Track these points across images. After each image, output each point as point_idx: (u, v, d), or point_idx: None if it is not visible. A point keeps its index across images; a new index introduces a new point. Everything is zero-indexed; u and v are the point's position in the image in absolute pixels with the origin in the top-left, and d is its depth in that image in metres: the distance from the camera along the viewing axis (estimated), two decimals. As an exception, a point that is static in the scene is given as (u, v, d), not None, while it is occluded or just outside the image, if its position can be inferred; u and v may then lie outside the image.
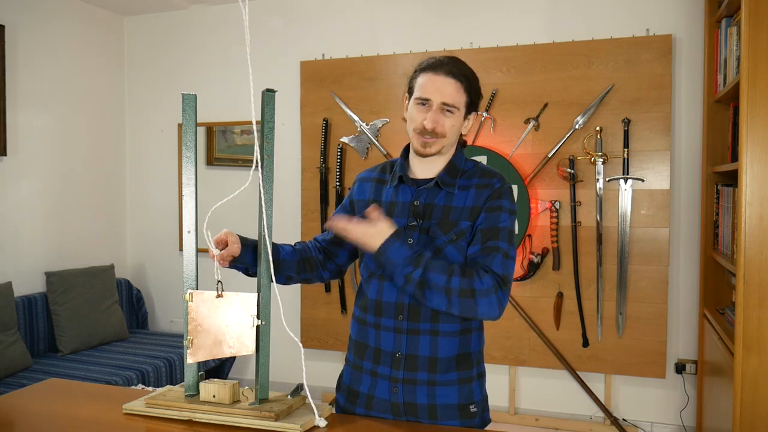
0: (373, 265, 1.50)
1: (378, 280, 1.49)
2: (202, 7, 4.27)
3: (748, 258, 2.18)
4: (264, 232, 1.42)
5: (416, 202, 1.48)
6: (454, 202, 1.47)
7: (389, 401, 1.49)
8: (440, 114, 1.44)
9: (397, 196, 1.52)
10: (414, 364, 1.46)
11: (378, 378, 1.50)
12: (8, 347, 3.20)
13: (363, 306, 1.54)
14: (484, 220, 1.44)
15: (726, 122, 3.02)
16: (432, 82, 1.45)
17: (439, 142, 1.46)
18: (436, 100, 1.44)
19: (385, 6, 3.87)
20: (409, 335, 1.46)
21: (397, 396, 1.48)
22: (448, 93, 1.44)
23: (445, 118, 1.45)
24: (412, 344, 1.46)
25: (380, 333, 1.49)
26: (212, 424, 1.38)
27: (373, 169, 1.63)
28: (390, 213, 1.50)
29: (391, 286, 1.47)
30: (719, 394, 2.68)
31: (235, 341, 1.42)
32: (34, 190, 3.80)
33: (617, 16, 3.42)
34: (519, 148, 3.49)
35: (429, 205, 1.48)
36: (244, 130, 4.22)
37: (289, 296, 3.99)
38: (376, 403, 1.50)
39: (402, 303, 1.46)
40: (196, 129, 1.51)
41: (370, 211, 1.43)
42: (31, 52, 3.75)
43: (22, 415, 1.49)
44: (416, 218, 1.47)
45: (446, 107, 1.44)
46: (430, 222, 1.46)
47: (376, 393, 1.50)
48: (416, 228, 1.46)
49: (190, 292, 1.45)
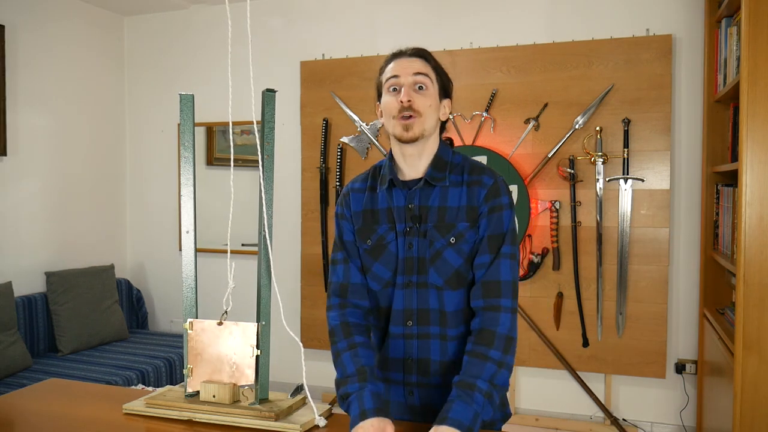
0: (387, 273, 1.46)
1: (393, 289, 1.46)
2: (202, 7, 4.28)
3: (748, 258, 2.18)
4: (264, 232, 1.42)
5: (411, 205, 1.45)
6: (448, 201, 1.44)
7: (405, 404, 1.48)
8: (413, 92, 1.42)
9: (391, 201, 1.48)
10: (427, 369, 1.45)
11: (391, 384, 1.49)
12: (8, 347, 3.20)
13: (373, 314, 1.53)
14: (488, 225, 1.40)
15: (726, 122, 3.02)
16: (398, 64, 1.45)
17: (419, 122, 1.41)
18: (406, 75, 1.42)
19: (385, 6, 3.87)
20: (420, 340, 1.45)
21: (413, 399, 1.47)
22: (416, 66, 1.43)
23: (419, 95, 1.42)
24: (423, 349, 1.45)
25: (388, 340, 1.48)
26: (212, 424, 1.38)
27: (363, 178, 1.56)
28: (387, 219, 1.47)
29: (399, 292, 1.45)
30: (719, 394, 2.68)
31: (234, 370, 1.43)
32: (34, 190, 3.80)
33: (617, 16, 3.42)
34: (519, 148, 3.49)
35: (424, 207, 1.44)
36: (244, 130, 4.22)
37: (289, 296, 3.99)
38: (393, 407, 1.50)
39: (410, 308, 1.44)
40: (194, 129, 1.51)
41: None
42: (31, 52, 3.75)
43: (22, 415, 1.49)
44: (413, 222, 1.44)
45: (417, 80, 1.42)
46: (427, 225, 1.43)
47: (390, 397, 1.50)
48: (415, 232, 1.44)
49: (190, 321, 1.47)
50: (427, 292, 1.43)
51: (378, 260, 1.47)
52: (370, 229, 1.48)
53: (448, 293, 1.42)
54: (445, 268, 1.41)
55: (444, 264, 1.41)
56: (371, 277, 1.49)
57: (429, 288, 1.43)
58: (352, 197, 1.53)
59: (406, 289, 1.44)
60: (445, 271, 1.42)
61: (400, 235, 1.45)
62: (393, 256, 1.45)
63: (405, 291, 1.44)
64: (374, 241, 1.47)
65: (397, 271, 1.45)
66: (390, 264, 1.45)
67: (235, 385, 1.44)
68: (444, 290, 1.42)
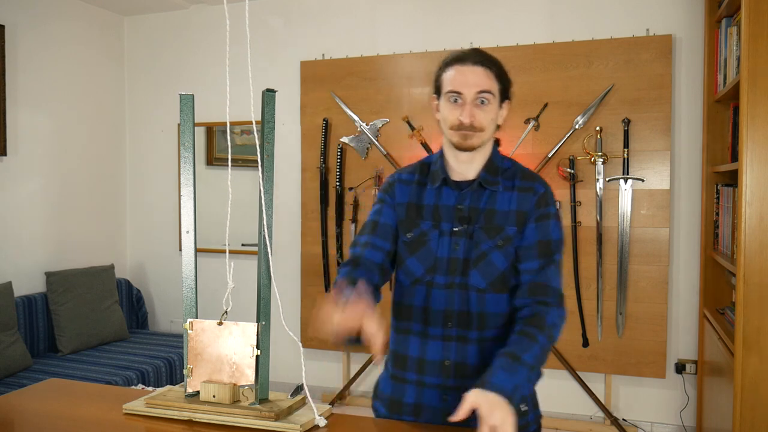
0: (420, 270, 1.44)
1: (426, 287, 1.44)
2: (202, 7, 4.28)
3: (748, 258, 2.18)
4: (264, 232, 1.42)
5: (461, 206, 1.44)
6: (497, 205, 1.43)
7: (440, 409, 1.45)
8: (475, 108, 1.40)
9: (440, 199, 1.46)
10: (464, 372, 1.43)
11: (425, 387, 1.46)
12: (8, 347, 3.20)
13: (405, 314, 1.48)
14: (536, 232, 1.42)
15: (726, 122, 3.02)
16: (461, 74, 1.41)
17: (479, 136, 1.41)
18: (469, 92, 1.39)
19: (385, 6, 3.87)
20: (458, 343, 1.43)
21: (448, 403, 1.44)
22: (480, 81, 1.40)
23: (481, 111, 1.40)
24: (461, 352, 1.43)
25: (427, 342, 1.45)
26: (212, 424, 1.38)
27: (410, 171, 1.53)
28: (432, 216, 1.45)
29: (439, 293, 1.43)
30: (719, 394, 2.68)
31: (234, 370, 1.43)
32: (34, 190, 3.80)
33: (617, 16, 3.42)
34: (519, 148, 3.49)
35: (474, 208, 1.44)
36: (244, 130, 4.22)
37: (289, 296, 3.99)
38: (425, 411, 1.47)
39: (451, 310, 1.42)
40: (194, 129, 1.51)
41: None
42: (31, 52, 3.75)
43: (22, 415, 1.49)
44: (462, 223, 1.43)
45: (480, 96, 1.40)
46: (475, 226, 1.43)
47: (423, 401, 1.47)
48: (462, 233, 1.43)
49: (190, 321, 1.47)
50: (467, 294, 1.42)
51: (414, 255, 1.45)
52: (413, 222, 1.47)
53: (490, 296, 1.42)
54: (490, 270, 1.42)
55: (489, 266, 1.41)
56: (403, 270, 1.48)
57: (469, 290, 1.42)
58: (397, 187, 1.52)
59: (447, 290, 1.42)
60: (489, 273, 1.41)
61: (445, 235, 1.43)
62: (432, 254, 1.43)
63: (446, 292, 1.42)
64: (415, 235, 1.45)
65: (434, 269, 1.43)
66: (427, 261, 1.44)
67: (235, 385, 1.44)
68: (486, 293, 1.42)
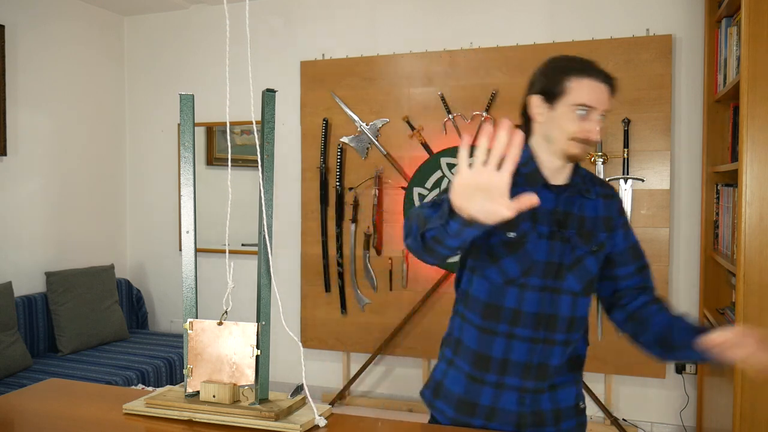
0: (516, 271, 1.43)
1: (519, 288, 1.43)
2: (202, 7, 4.28)
3: (748, 258, 2.18)
4: (264, 232, 1.42)
5: (557, 209, 1.45)
6: (586, 211, 1.47)
7: (516, 412, 1.45)
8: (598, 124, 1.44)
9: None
10: (544, 374, 1.45)
11: (504, 389, 1.45)
12: (8, 347, 3.20)
13: (494, 315, 1.45)
14: (626, 238, 1.51)
15: (726, 122, 3.02)
16: (594, 91, 1.42)
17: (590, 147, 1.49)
18: (599, 109, 1.43)
19: (385, 6, 3.87)
20: (545, 345, 1.44)
21: (525, 407, 1.45)
22: (606, 100, 1.44)
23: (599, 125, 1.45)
24: (545, 354, 1.44)
25: (513, 343, 1.44)
26: (212, 424, 1.38)
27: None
28: (531, 218, 1.43)
29: (533, 295, 1.43)
30: (719, 394, 2.68)
31: (234, 370, 1.43)
32: (34, 190, 3.80)
33: (617, 16, 3.42)
34: (519, 148, 3.49)
35: (568, 213, 1.45)
36: (244, 130, 4.22)
37: (289, 296, 3.99)
38: (499, 415, 1.46)
39: (543, 313, 1.43)
40: (194, 129, 1.51)
41: None
42: (31, 52, 3.76)
43: (22, 415, 1.49)
44: (558, 227, 1.44)
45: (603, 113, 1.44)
46: (570, 231, 1.44)
47: (500, 404, 1.46)
48: (559, 237, 1.43)
49: (190, 321, 1.47)
50: (560, 297, 1.43)
51: (511, 255, 1.42)
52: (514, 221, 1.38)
53: (581, 299, 1.45)
54: (583, 274, 1.45)
55: (583, 270, 1.44)
56: (497, 267, 1.44)
57: (562, 294, 1.43)
58: None
59: (540, 292, 1.42)
60: (583, 277, 1.45)
61: (543, 238, 1.42)
62: (529, 256, 1.42)
63: (540, 294, 1.42)
64: (518, 235, 1.42)
65: (530, 271, 1.42)
66: (524, 263, 1.42)
67: (235, 385, 1.44)
68: (579, 297, 1.45)
